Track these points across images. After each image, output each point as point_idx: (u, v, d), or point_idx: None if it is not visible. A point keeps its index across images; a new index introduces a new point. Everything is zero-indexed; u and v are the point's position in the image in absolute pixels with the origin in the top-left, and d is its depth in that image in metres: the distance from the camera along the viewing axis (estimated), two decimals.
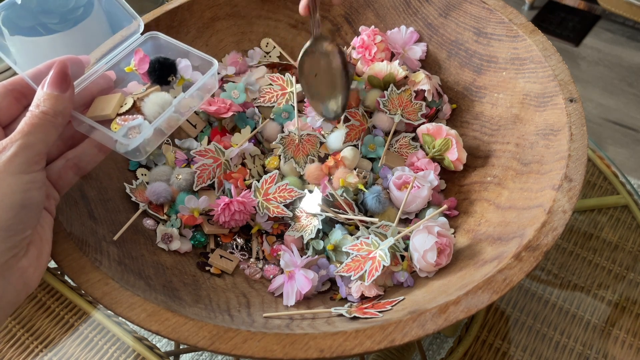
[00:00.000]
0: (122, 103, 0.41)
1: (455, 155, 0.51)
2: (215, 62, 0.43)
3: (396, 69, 0.54)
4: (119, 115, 0.40)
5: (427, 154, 0.53)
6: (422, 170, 0.52)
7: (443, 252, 0.44)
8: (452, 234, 0.48)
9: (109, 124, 0.39)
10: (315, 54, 0.51)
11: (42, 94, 0.36)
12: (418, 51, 0.58)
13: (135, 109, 0.41)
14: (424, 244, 0.44)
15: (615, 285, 0.56)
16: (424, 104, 0.54)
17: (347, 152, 0.51)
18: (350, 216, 0.47)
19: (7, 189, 0.33)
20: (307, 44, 0.51)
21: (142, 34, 0.45)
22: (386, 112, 0.53)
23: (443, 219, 0.48)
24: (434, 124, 0.52)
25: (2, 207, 0.33)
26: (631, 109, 1.64)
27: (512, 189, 0.47)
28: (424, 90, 0.55)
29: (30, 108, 0.36)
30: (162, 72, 0.43)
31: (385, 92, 0.54)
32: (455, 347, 0.51)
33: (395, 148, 0.54)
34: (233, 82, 0.57)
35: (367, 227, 0.47)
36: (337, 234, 0.47)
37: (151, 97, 0.41)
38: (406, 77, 0.56)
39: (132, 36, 0.44)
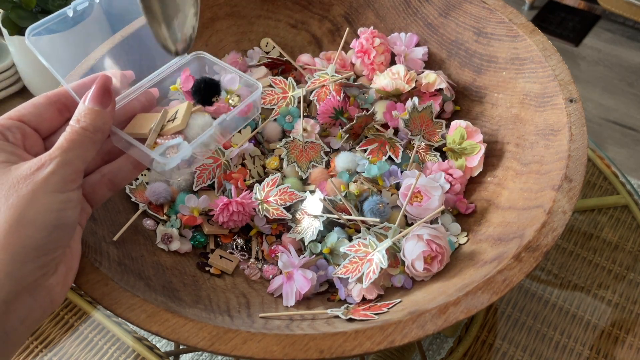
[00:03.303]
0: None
1: (474, 163, 0.50)
2: (260, 85, 0.42)
3: (402, 85, 0.54)
4: None
5: (444, 146, 0.52)
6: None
7: (435, 258, 0.43)
8: (466, 236, 0.47)
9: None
10: None
11: (83, 109, 0.36)
12: (420, 51, 0.58)
13: None
14: (412, 252, 0.43)
15: (615, 285, 0.55)
16: (444, 122, 0.53)
17: (340, 162, 0.51)
18: (352, 217, 0.47)
19: (42, 207, 0.32)
20: None
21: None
22: (408, 133, 0.52)
23: (456, 225, 0.48)
24: (472, 125, 0.51)
25: (35, 226, 0.32)
26: (631, 109, 1.64)
27: (512, 189, 0.47)
28: (442, 89, 0.54)
29: (71, 122, 0.35)
30: (207, 93, 0.42)
31: (406, 107, 0.52)
32: (455, 347, 0.51)
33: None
34: None
35: (368, 228, 0.47)
36: (333, 237, 0.47)
37: (192, 117, 0.40)
38: (417, 83, 0.55)
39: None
